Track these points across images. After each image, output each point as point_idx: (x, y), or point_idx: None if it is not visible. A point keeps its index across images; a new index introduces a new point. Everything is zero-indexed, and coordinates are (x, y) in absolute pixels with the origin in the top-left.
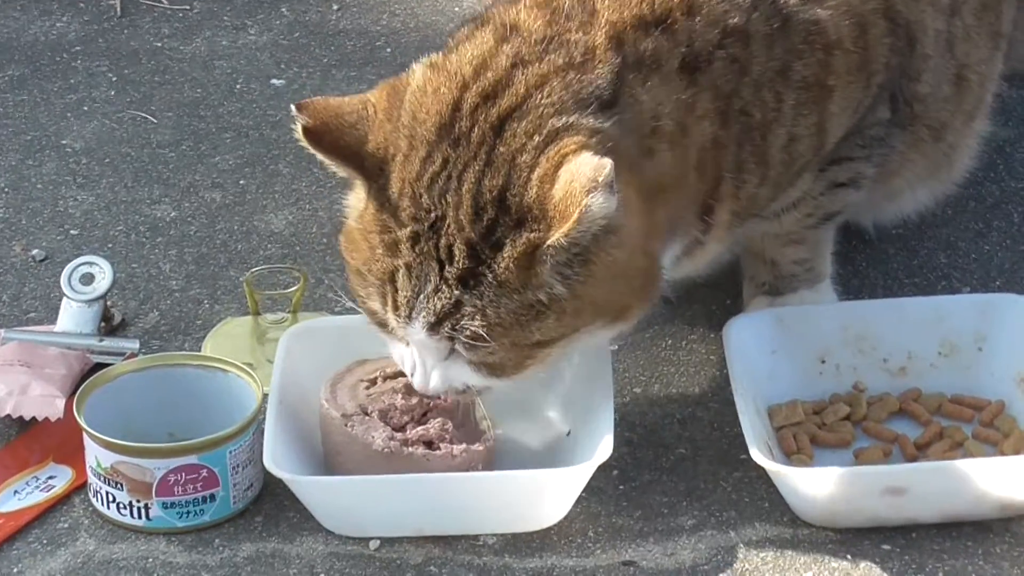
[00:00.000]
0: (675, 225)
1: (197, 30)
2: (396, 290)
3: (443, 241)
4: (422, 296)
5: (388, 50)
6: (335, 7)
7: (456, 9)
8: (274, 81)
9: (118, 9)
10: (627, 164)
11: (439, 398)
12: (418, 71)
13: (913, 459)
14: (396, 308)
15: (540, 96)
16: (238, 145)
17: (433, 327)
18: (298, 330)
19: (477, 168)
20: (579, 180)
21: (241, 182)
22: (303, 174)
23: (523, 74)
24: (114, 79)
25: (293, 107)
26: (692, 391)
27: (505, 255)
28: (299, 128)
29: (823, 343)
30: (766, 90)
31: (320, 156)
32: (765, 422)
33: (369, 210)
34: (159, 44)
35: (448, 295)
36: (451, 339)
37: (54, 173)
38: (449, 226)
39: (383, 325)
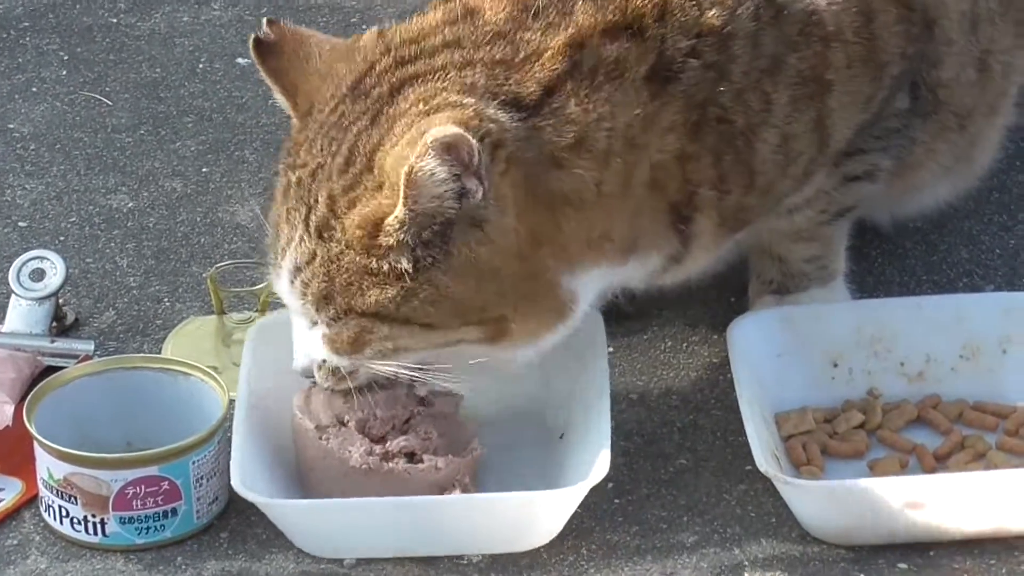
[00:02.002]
0: (634, 240)
1: (156, 5)
2: (278, 237)
3: (315, 187)
4: (292, 244)
5: (364, 27)
6: None
7: None
8: (240, 60)
9: None
10: (520, 165)
11: (424, 402)
12: (368, 32)
13: (932, 471)
14: (274, 256)
15: (455, 73)
16: (201, 130)
17: (292, 276)
18: (266, 329)
19: (362, 124)
20: (418, 145)
21: (204, 170)
22: (271, 161)
23: (451, 54)
24: (65, 58)
25: (264, 20)
26: (694, 397)
27: (355, 214)
28: (252, 37)
29: (835, 345)
30: (750, 93)
31: (263, 74)
32: (772, 431)
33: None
34: (114, 20)
35: (308, 244)
36: (303, 295)
37: (0, 160)
38: (324, 173)
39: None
